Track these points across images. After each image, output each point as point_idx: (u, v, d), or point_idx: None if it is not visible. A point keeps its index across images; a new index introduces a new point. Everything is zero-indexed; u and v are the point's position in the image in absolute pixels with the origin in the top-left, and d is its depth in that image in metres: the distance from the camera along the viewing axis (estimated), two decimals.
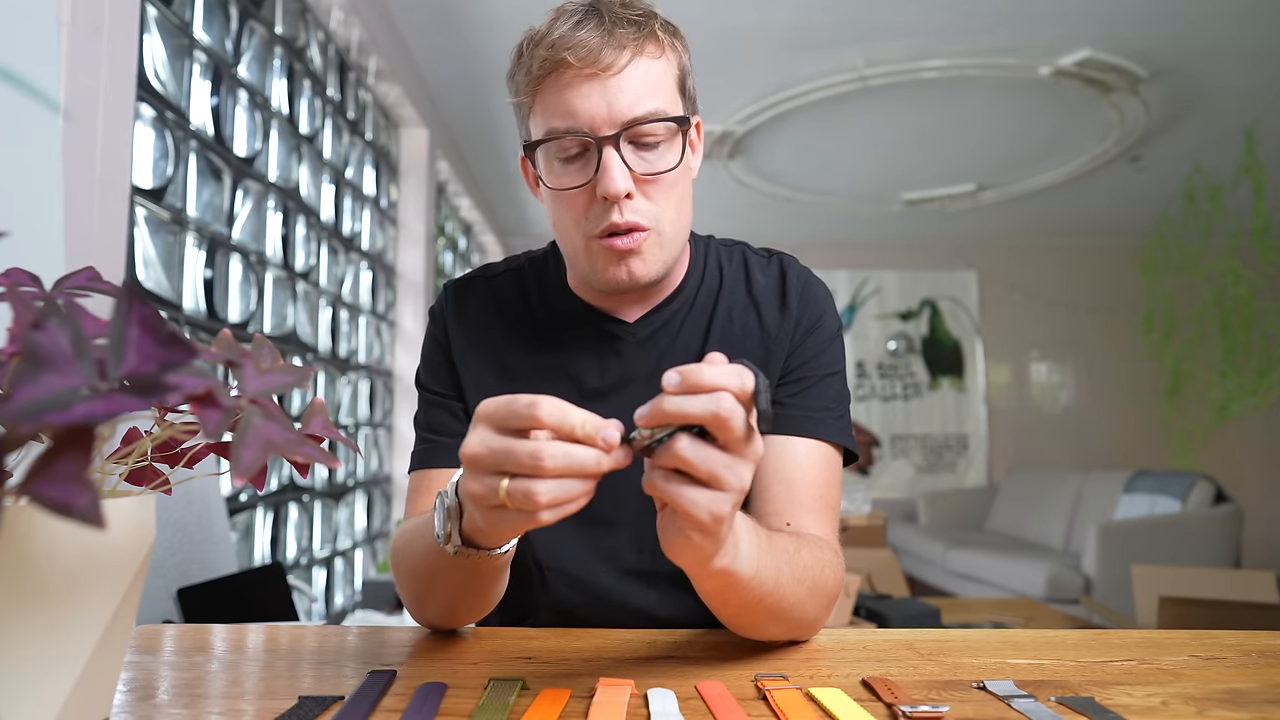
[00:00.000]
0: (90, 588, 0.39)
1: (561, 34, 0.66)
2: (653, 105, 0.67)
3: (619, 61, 0.66)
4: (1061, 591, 3.54)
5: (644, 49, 0.67)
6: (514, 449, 0.46)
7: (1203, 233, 4.21)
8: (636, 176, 0.68)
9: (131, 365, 0.34)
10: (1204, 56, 2.98)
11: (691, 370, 0.45)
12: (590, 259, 0.72)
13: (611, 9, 0.68)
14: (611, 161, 0.66)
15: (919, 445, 5.61)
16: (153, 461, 0.48)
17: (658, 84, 0.68)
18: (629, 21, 0.67)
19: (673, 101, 0.70)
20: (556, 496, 0.45)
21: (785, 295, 0.80)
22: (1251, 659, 0.60)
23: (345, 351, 2.59)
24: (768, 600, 0.59)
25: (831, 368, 0.78)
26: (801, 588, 0.61)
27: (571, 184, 0.69)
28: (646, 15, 0.69)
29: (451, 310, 0.83)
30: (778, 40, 2.89)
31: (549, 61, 0.66)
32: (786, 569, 0.59)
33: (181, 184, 1.64)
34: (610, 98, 0.66)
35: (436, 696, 0.50)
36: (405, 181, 3.18)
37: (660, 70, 0.69)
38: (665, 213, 0.71)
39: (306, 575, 2.30)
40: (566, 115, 0.67)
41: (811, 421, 0.75)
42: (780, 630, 0.64)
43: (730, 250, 0.85)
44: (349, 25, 2.49)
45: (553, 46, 0.66)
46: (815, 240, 5.61)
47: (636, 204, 0.69)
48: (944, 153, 4.00)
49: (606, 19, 0.66)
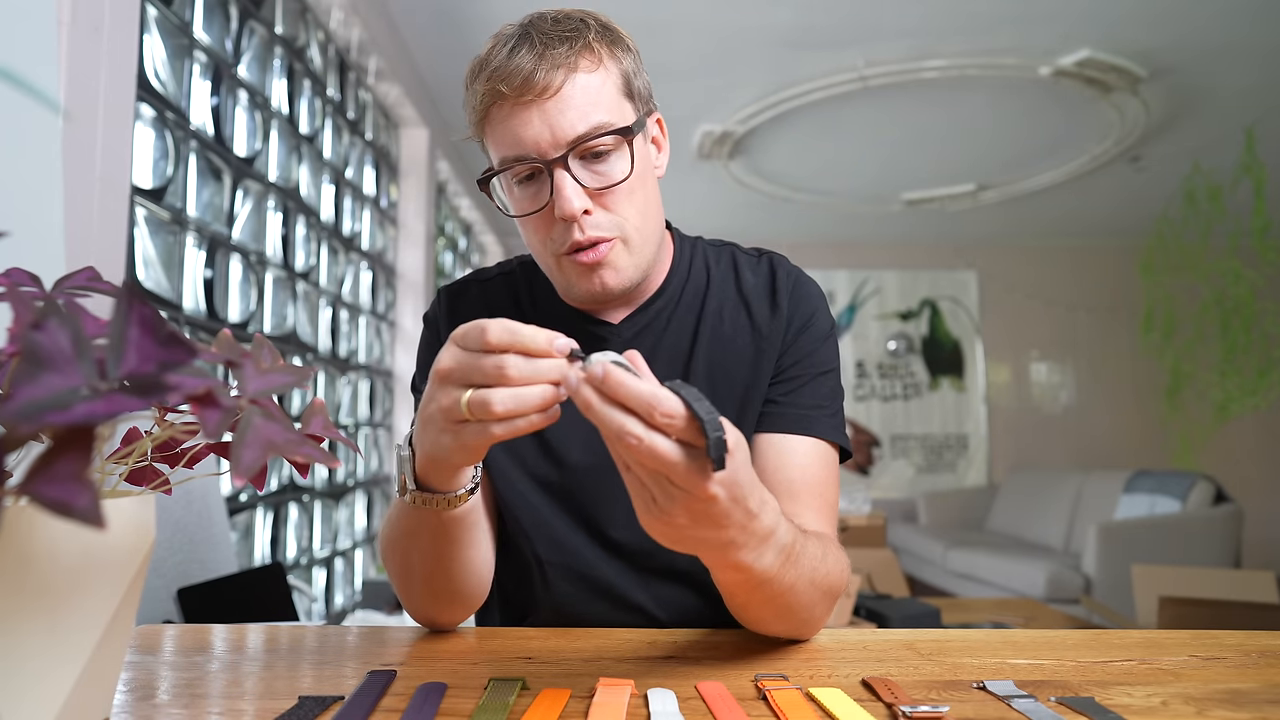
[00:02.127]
0: (90, 588, 0.39)
1: (496, 65, 0.67)
2: (596, 119, 0.67)
3: (554, 83, 0.66)
4: (1061, 591, 3.54)
5: (578, 65, 0.67)
6: (480, 360, 0.49)
7: (1203, 233, 4.21)
8: (591, 192, 0.69)
9: (131, 365, 0.34)
10: (1204, 56, 2.98)
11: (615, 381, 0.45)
12: (564, 275, 0.73)
13: (542, 29, 0.68)
14: (564, 183, 0.67)
15: (919, 445, 5.61)
16: (153, 461, 0.48)
17: (598, 97, 0.68)
18: (560, 39, 0.67)
19: (617, 109, 0.69)
20: (511, 407, 0.48)
21: (775, 294, 0.80)
22: (1251, 659, 0.60)
23: (345, 351, 2.59)
24: (780, 600, 0.59)
25: (825, 366, 0.79)
26: (816, 591, 0.62)
27: (531, 209, 0.71)
28: (577, 29, 0.69)
29: (445, 314, 0.84)
30: (778, 40, 2.89)
31: (489, 94, 0.68)
32: (807, 573, 0.60)
33: (181, 184, 1.64)
34: (551, 121, 0.66)
35: (436, 696, 0.50)
36: (405, 181, 3.18)
37: (599, 82, 0.68)
38: (629, 220, 0.71)
39: (306, 575, 2.30)
40: (514, 144, 0.68)
41: (807, 420, 0.75)
42: (785, 628, 0.64)
43: (719, 250, 0.85)
44: (349, 25, 2.49)
45: (490, 78, 0.67)
46: (815, 240, 5.61)
47: (596, 218, 0.70)
48: (944, 153, 4.00)
49: (538, 42, 0.67)
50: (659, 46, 2.86)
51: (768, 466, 0.75)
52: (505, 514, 0.80)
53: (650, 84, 0.76)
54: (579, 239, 0.69)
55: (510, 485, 0.79)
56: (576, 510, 0.79)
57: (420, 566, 0.66)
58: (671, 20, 2.71)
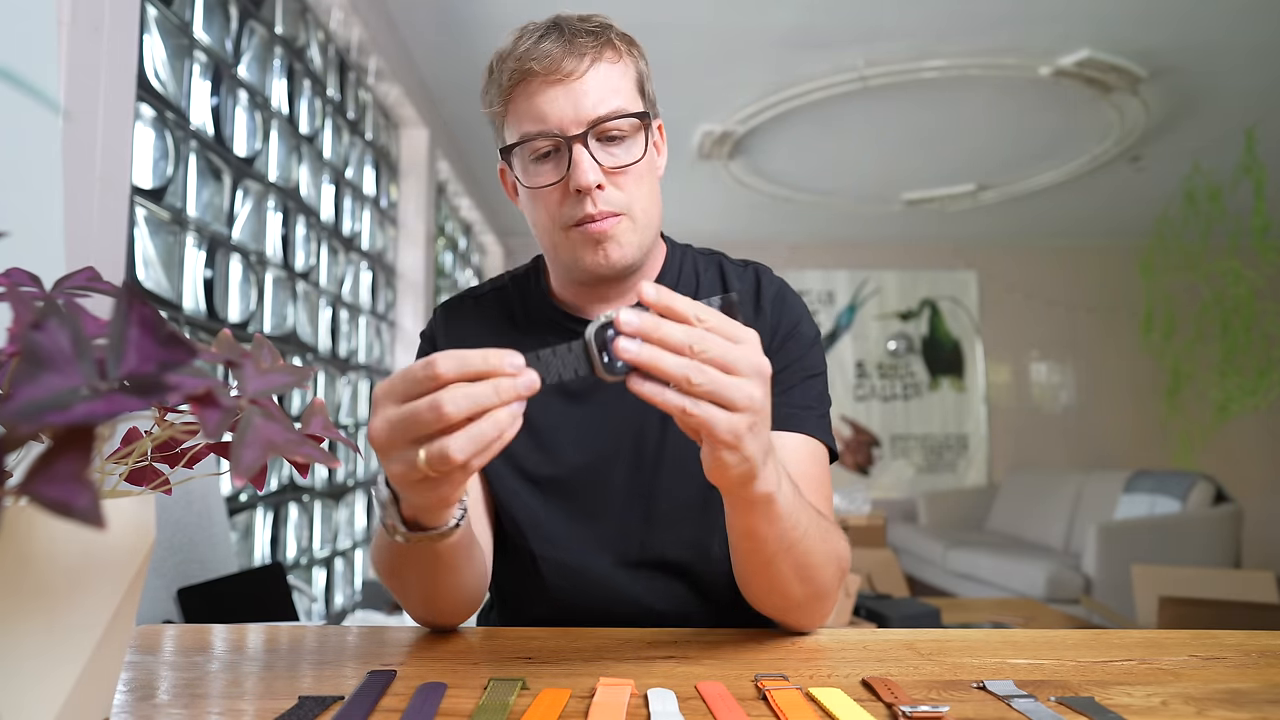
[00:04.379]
0: (90, 588, 0.39)
1: (526, 48, 0.73)
2: (615, 104, 0.73)
3: (580, 67, 0.72)
4: (1061, 591, 3.54)
5: (603, 54, 0.73)
6: (414, 411, 0.46)
7: (1203, 233, 4.20)
8: (605, 169, 0.73)
9: (131, 365, 0.34)
10: (1204, 56, 2.98)
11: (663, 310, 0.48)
12: (570, 249, 0.76)
13: (570, 23, 0.74)
14: (581, 157, 0.72)
15: (919, 445, 5.61)
16: (153, 461, 0.48)
17: (618, 84, 0.74)
18: (587, 32, 0.74)
19: (633, 100, 0.75)
20: (470, 449, 0.45)
21: (760, 300, 0.84)
22: (1251, 659, 0.60)
23: (345, 351, 2.59)
24: (796, 549, 0.61)
25: (813, 370, 0.82)
26: (828, 550, 0.65)
27: (546, 182, 0.75)
28: (603, 26, 0.76)
29: (442, 329, 0.87)
30: (778, 40, 2.89)
31: (517, 73, 0.73)
32: (815, 522, 0.64)
33: (181, 184, 1.64)
34: (575, 100, 0.72)
35: (436, 696, 0.50)
36: (405, 181, 3.18)
37: (620, 73, 0.75)
38: (636, 200, 0.76)
39: (306, 575, 2.30)
40: (537, 119, 0.73)
41: (798, 418, 0.78)
42: (800, 593, 0.65)
43: (708, 258, 0.89)
44: (349, 25, 2.49)
45: (519, 59, 0.72)
46: (815, 240, 5.61)
47: (608, 194, 0.74)
48: (944, 153, 4.00)
49: (566, 31, 0.73)
50: (659, 46, 2.86)
51: None
52: (501, 513, 0.82)
53: (655, 93, 0.81)
54: (590, 211, 0.73)
55: (504, 484, 0.80)
56: (571, 506, 0.80)
57: (417, 588, 0.67)
58: (671, 20, 2.71)
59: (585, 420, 0.81)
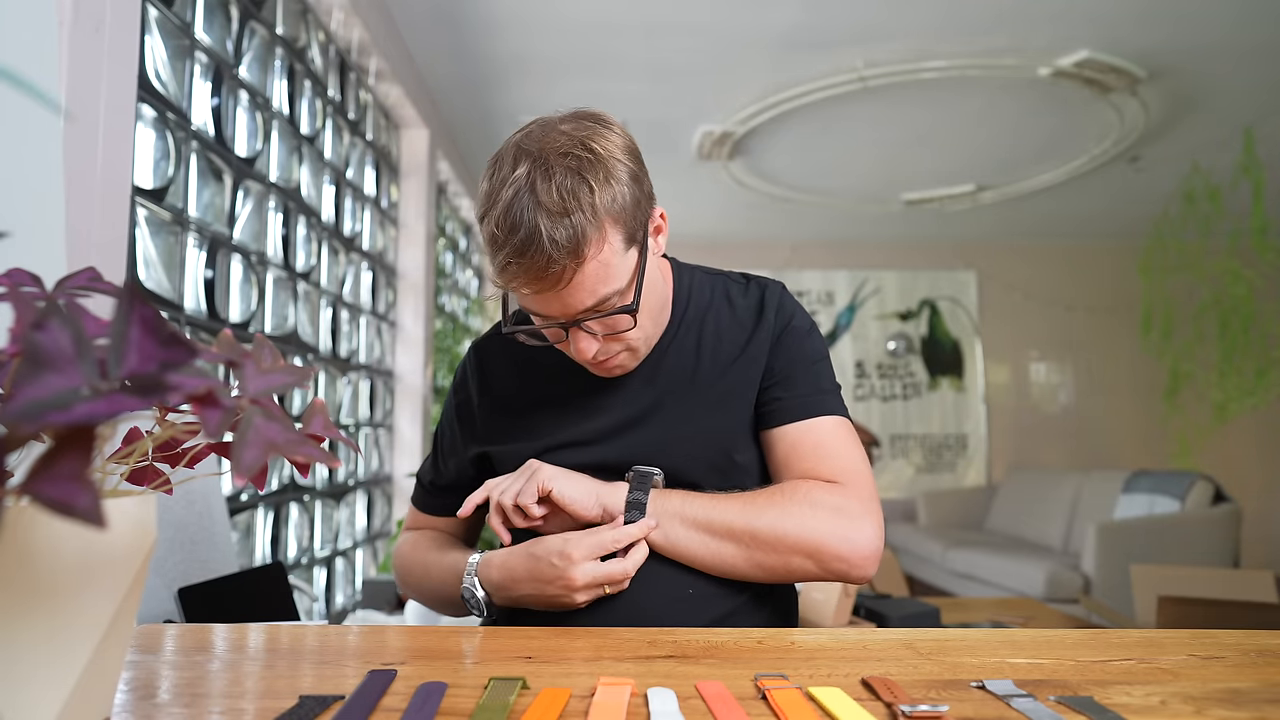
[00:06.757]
0: (91, 587, 0.39)
1: (507, 260, 0.73)
2: (603, 292, 0.76)
3: (563, 279, 0.73)
4: (1061, 591, 3.54)
5: (583, 255, 0.73)
6: (609, 574, 0.77)
7: (1202, 233, 4.20)
8: (604, 336, 0.80)
9: (132, 365, 0.34)
10: (1203, 57, 2.98)
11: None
12: (581, 365, 0.84)
13: (539, 227, 0.71)
14: (578, 337, 0.78)
15: (918, 445, 5.61)
16: (153, 461, 0.48)
17: (604, 273, 0.75)
18: (561, 245, 0.71)
19: (622, 268, 0.76)
20: (630, 569, 0.78)
21: (763, 310, 0.90)
22: (1250, 658, 0.60)
23: (345, 351, 2.59)
24: (725, 566, 0.80)
25: (815, 356, 0.88)
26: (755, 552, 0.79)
27: (553, 340, 0.82)
28: (573, 223, 0.71)
29: (474, 369, 0.96)
30: (778, 40, 2.89)
31: (504, 275, 0.75)
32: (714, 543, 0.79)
33: (182, 184, 1.64)
34: (563, 302, 0.75)
35: (436, 696, 0.50)
36: (406, 182, 3.18)
37: (603, 258, 0.74)
38: (638, 333, 0.82)
39: (307, 575, 2.30)
40: (535, 312, 0.80)
41: (808, 405, 0.85)
42: (771, 577, 0.81)
43: (715, 279, 0.94)
44: (349, 26, 2.49)
45: (504, 271, 0.74)
46: (815, 240, 5.61)
47: (608, 347, 0.81)
48: (944, 153, 4.00)
49: (545, 241, 0.70)
50: (659, 46, 2.86)
51: (782, 458, 0.84)
52: None
53: (648, 188, 0.80)
54: (593, 367, 0.83)
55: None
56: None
57: (445, 609, 0.90)
58: (671, 20, 2.71)
59: (586, 420, 0.87)
